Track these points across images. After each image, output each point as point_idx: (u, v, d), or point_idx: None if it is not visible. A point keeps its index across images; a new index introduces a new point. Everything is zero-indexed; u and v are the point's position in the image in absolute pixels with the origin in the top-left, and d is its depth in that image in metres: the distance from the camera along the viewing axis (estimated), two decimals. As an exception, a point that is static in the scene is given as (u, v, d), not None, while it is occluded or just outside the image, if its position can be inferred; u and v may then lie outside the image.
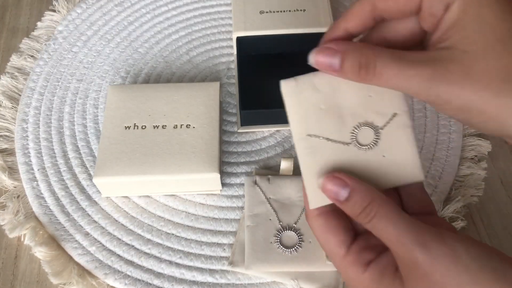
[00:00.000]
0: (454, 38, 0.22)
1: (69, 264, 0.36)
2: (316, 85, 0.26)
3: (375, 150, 0.25)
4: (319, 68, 0.24)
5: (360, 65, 0.23)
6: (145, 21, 0.51)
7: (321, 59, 0.24)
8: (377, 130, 0.25)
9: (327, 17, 0.46)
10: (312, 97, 0.26)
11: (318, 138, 0.25)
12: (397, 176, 0.25)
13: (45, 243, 0.37)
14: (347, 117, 0.25)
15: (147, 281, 0.35)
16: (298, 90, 0.26)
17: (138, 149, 0.38)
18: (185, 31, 0.51)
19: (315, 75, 0.26)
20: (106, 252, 0.36)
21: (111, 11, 0.52)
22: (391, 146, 0.25)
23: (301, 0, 0.47)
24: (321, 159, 0.25)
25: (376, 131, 0.25)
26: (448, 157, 0.41)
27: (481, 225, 0.38)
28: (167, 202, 0.39)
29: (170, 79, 0.47)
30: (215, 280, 0.35)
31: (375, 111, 0.26)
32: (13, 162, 0.42)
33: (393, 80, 0.23)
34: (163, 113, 0.40)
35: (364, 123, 0.26)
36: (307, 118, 0.26)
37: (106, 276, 0.35)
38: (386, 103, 0.26)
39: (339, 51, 0.23)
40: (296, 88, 0.26)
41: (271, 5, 0.47)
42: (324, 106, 0.26)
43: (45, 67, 0.48)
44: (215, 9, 0.53)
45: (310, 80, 0.26)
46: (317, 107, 0.26)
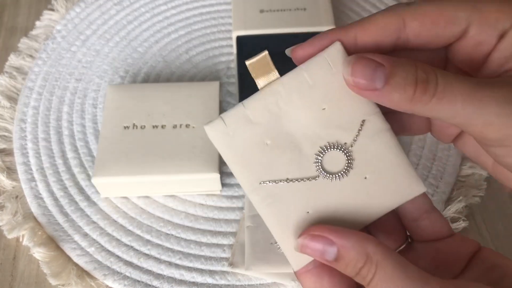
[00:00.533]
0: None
1: (68, 265, 0.36)
2: (250, 117, 0.20)
3: (352, 175, 0.20)
4: (350, 84, 0.19)
5: (416, 81, 0.17)
6: (144, 20, 0.51)
7: (359, 71, 0.18)
8: (347, 149, 0.20)
9: (328, 16, 0.46)
10: (251, 134, 0.20)
11: (275, 182, 0.20)
12: (391, 197, 0.20)
13: (43, 244, 0.36)
14: (303, 144, 0.20)
15: (147, 282, 0.35)
16: (230, 131, 0.20)
17: (137, 149, 0.37)
18: (185, 30, 0.50)
19: (246, 104, 0.21)
20: (105, 253, 0.36)
21: (110, 10, 0.52)
22: (371, 163, 0.20)
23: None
24: (288, 208, 0.20)
25: (346, 150, 0.20)
26: (450, 156, 0.41)
27: (482, 225, 0.38)
28: (166, 202, 0.39)
29: (169, 78, 0.47)
30: (215, 281, 0.35)
31: (336, 126, 0.20)
32: (12, 162, 0.41)
33: (458, 103, 0.17)
34: (162, 112, 0.40)
35: (328, 145, 0.20)
36: (253, 163, 0.20)
37: (105, 277, 0.35)
38: (347, 111, 0.20)
39: (383, 64, 0.18)
40: (226, 129, 0.20)
41: (272, 4, 0.47)
42: (270, 140, 0.20)
43: (44, 67, 0.47)
44: (215, 8, 0.52)
45: (241, 114, 0.20)
46: (261, 144, 0.20)
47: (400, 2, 0.38)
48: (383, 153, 0.20)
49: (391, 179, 0.20)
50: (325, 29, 0.45)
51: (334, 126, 0.20)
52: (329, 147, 0.20)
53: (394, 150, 0.20)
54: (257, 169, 0.20)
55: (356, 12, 0.52)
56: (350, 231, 0.19)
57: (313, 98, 0.20)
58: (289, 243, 0.20)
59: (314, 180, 0.20)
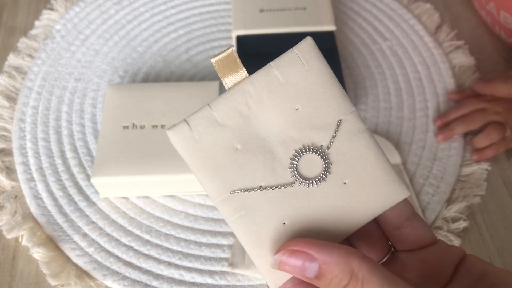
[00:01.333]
0: None
1: (67, 265, 0.36)
2: (218, 120, 0.18)
3: (330, 180, 0.18)
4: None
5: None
6: (144, 20, 0.51)
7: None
8: (323, 151, 0.19)
9: (328, 16, 0.46)
10: (219, 138, 0.18)
11: (247, 191, 0.18)
12: (374, 203, 0.19)
13: (43, 244, 0.36)
14: (277, 148, 0.18)
15: (146, 283, 0.35)
16: (196, 135, 0.18)
17: (136, 149, 0.37)
18: (184, 30, 0.50)
19: (213, 105, 0.19)
20: (104, 253, 0.36)
21: (109, 9, 0.52)
22: (350, 166, 0.19)
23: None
24: (262, 220, 0.18)
25: (323, 153, 0.19)
26: (450, 156, 0.41)
27: (483, 225, 0.38)
28: (166, 202, 0.39)
29: (169, 78, 0.47)
30: (214, 282, 0.35)
31: (311, 127, 0.19)
32: (11, 162, 0.41)
33: None
34: (162, 112, 0.40)
35: (303, 148, 0.19)
36: (222, 170, 0.18)
37: (104, 277, 0.35)
38: (322, 111, 0.19)
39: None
40: (191, 134, 0.18)
41: (271, 3, 0.47)
42: (240, 144, 0.18)
43: (43, 66, 0.47)
44: (214, 8, 0.52)
45: (208, 116, 0.18)
46: (230, 149, 0.18)
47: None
48: (362, 155, 0.19)
49: (372, 184, 0.19)
50: (325, 29, 0.45)
51: (308, 127, 0.19)
52: (305, 150, 0.19)
53: (374, 152, 0.19)
54: (227, 177, 0.18)
55: (356, 11, 0.52)
56: (332, 244, 0.17)
57: (285, 97, 0.19)
58: (265, 260, 0.18)
59: (289, 187, 0.18)
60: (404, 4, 0.53)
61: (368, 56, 0.48)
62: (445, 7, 0.53)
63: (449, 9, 0.53)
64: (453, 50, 0.49)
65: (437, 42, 0.49)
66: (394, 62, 0.48)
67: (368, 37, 0.50)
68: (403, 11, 0.52)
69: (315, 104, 0.19)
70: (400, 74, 0.47)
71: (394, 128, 0.43)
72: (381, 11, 0.52)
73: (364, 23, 0.51)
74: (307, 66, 0.19)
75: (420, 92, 0.46)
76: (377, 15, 0.52)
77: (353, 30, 0.50)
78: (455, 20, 0.52)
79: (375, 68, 0.47)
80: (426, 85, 0.46)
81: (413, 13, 0.52)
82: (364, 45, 0.49)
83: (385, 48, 0.49)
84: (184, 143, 0.18)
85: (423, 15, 0.51)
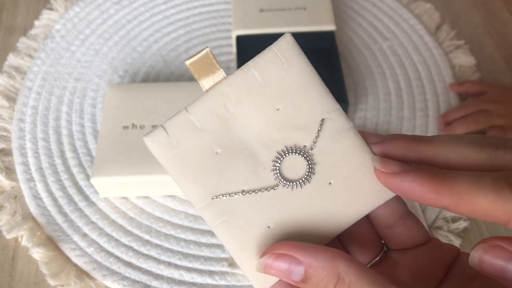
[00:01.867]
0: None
1: (67, 265, 0.35)
2: (196, 124, 0.18)
3: (315, 181, 0.18)
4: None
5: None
6: (144, 20, 0.51)
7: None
8: (307, 152, 0.18)
9: (328, 16, 0.46)
10: (198, 143, 0.18)
11: (230, 196, 0.18)
12: (360, 203, 0.18)
13: (42, 244, 0.36)
14: (258, 150, 0.18)
15: (146, 283, 0.35)
16: (173, 141, 0.18)
17: (136, 149, 0.37)
18: (184, 29, 0.50)
19: (190, 109, 0.18)
20: (104, 253, 0.36)
21: (109, 9, 0.52)
22: (335, 166, 0.18)
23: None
24: (246, 224, 0.18)
25: (306, 154, 0.18)
26: (450, 156, 0.41)
27: (483, 225, 0.38)
28: (166, 202, 0.39)
29: (169, 78, 0.47)
30: (214, 282, 0.35)
31: (293, 127, 0.18)
32: (10, 162, 0.41)
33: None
34: (162, 112, 0.40)
35: (286, 150, 0.18)
36: (202, 176, 0.18)
37: (104, 278, 0.35)
38: (304, 110, 0.18)
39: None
40: (168, 139, 0.18)
41: (272, 3, 0.47)
42: (220, 148, 0.18)
43: (43, 66, 0.47)
44: (214, 8, 0.52)
45: (185, 120, 0.18)
46: (210, 154, 0.18)
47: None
48: (347, 155, 0.18)
49: (359, 183, 0.18)
50: (325, 28, 0.45)
51: (290, 128, 0.18)
52: (287, 151, 0.18)
53: (359, 150, 0.18)
54: (208, 182, 0.18)
55: (356, 11, 0.52)
56: (318, 247, 0.17)
57: (266, 98, 0.18)
58: (251, 264, 0.18)
59: (273, 190, 0.18)
60: (404, 3, 0.53)
61: (368, 56, 0.48)
62: (445, 6, 0.53)
63: (449, 8, 0.53)
64: (453, 49, 0.49)
65: (437, 42, 0.49)
66: (394, 62, 0.48)
67: (368, 36, 0.50)
68: (403, 11, 0.52)
69: (296, 103, 0.18)
70: (400, 74, 0.47)
71: (394, 128, 0.43)
72: (381, 10, 0.52)
73: (365, 22, 0.51)
74: (287, 64, 0.18)
75: (420, 92, 0.46)
76: (377, 15, 0.52)
77: (353, 30, 0.50)
78: (455, 20, 0.52)
79: (375, 68, 0.47)
80: (426, 85, 0.46)
81: (413, 13, 0.52)
82: (364, 44, 0.49)
83: (385, 48, 0.49)
84: (162, 149, 0.18)
85: (423, 15, 0.51)
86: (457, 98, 0.45)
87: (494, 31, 0.51)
